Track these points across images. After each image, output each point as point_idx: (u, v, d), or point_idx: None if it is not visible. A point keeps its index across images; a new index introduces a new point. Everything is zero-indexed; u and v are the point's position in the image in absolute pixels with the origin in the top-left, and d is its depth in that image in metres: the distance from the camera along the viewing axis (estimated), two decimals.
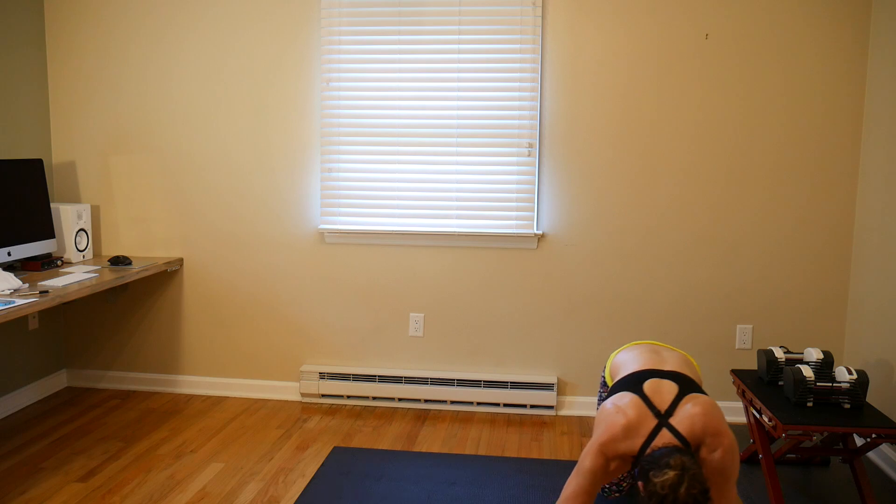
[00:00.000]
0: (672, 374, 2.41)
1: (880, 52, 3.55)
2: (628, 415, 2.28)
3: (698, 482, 2.05)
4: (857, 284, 3.72)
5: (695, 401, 2.31)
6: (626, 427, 2.26)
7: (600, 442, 2.27)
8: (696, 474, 2.07)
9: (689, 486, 2.04)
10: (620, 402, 2.33)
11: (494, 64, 3.84)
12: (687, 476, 2.05)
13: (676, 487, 2.04)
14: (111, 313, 4.28)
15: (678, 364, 2.51)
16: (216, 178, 4.10)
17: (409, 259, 4.02)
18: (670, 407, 2.30)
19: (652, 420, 2.27)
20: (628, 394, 2.35)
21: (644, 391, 2.35)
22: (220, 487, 3.10)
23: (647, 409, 2.30)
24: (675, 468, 2.07)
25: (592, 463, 2.27)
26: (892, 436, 2.71)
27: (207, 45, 4.03)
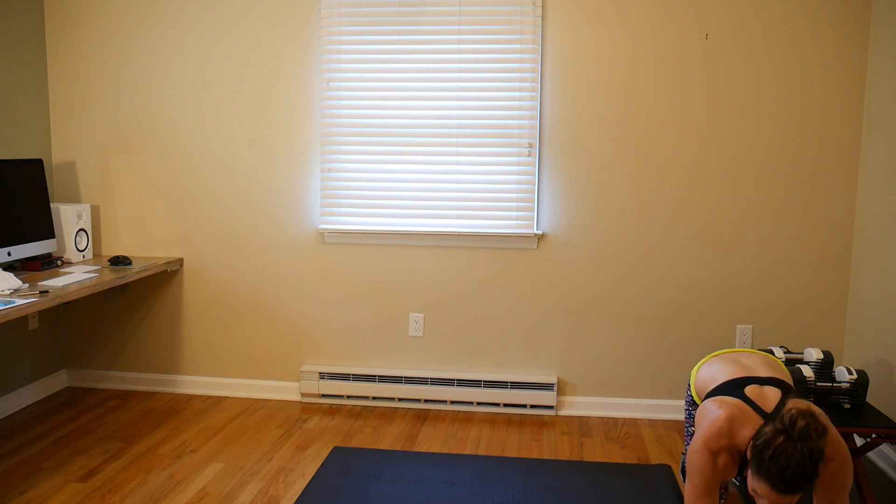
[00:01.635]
0: (772, 380, 2.28)
1: (880, 52, 3.55)
2: (731, 409, 2.15)
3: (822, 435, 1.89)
4: (857, 284, 3.72)
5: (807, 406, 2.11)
6: (730, 419, 2.13)
7: (704, 437, 2.14)
8: (824, 427, 1.90)
9: (811, 426, 1.87)
10: (722, 400, 2.20)
11: (494, 64, 3.84)
12: (814, 418, 1.89)
13: (796, 422, 1.88)
14: (111, 313, 4.28)
15: (770, 369, 2.38)
16: (216, 178, 4.10)
17: (409, 259, 4.02)
18: (775, 410, 2.12)
19: (758, 420, 2.13)
20: (729, 397, 2.22)
21: (746, 395, 2.21)
22: (220, 487, 3.10)
23: (752, 411, 2.16)
24: (805, 406, 1.92)
25: (699, 461, 2.14)
26: (892, 436, 2.71)
27: (207, 44, 4.03)
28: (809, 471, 1.88)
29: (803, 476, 1.88)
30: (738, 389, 2.24)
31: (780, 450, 1.88)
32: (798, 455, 1.87)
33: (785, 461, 1.87)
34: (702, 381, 2.52)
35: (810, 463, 1.87)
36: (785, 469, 1.87)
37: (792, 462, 1.87)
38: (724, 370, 2.42)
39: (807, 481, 1.89)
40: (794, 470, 1.87)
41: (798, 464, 1.87)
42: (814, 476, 1.89)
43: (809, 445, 1.87)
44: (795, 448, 1.87)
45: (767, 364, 2.43)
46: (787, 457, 1.87)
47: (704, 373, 2.54)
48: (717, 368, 2.47)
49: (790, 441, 1.88)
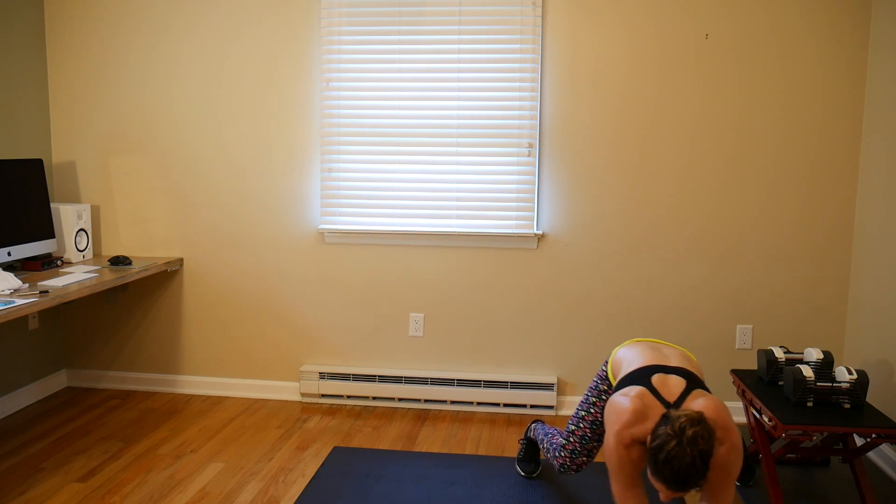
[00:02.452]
0: (678, 370, 2.42)
1: (880, 52, 3.55)
2: (635, 401, 2.28)
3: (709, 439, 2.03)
4: (857, 284, 3.72)
5: (704, 397, 2.31)
6: (635, 411, 2.26)
7: (614, 432, 2.27)
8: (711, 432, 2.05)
9: (698, 434, 2.02)
10: (628, 392, 2.33)
11: (494, 64, 3.84)
12: (701, 425, 2.04)
13: (685, 428, 2.03)
14: (111, 313, 4.28)
15: (681, 361, 2.52)
16: (216, 178, 4.10)
17: (409, 259, 4.02)
18: (678, 400, 2.31)
19: (661, 409, 2.27)
20: (636, 386, 2.35)
21: (652, 384, 2.35)
22: (220, 487, 3.10)
23: (656, 400, 2.30)
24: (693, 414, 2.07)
25: (615, 456, 2.27)
26: (892, 436, 2.71)
27: (207, 44, 4.03)
28: (700, 470, 2.04)
29: (694, 475, 2.04)
30: (645, 377, 2.38)
31: (672, 454, 2.03)
32: (689, 458, 2.02)
33: (677, 464, 2.03)
34: (618, 362, 2.64)
35: (700, 464, 2.03)
36: (677, 472, 2.03)
37: (683, 465, 2.02)
38: (639, 356, 2.54)
39: (698, 479, 2.05)
40: (685, 471, 2.03)
41: (688, 465, 2.02)
42: (704, 474, 2.05)
43: (699, 449, 2.02)
44: (686, 452, 2.02)
45: (682, 358, 2.55)
46: (678, 460, 2.02)
47: (622, 355, 2.65)
48: (634, 353, 2.59)
49: (680, 446, 2.02)
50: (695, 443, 2.02)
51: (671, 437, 2.04)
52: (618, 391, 2.41)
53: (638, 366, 2.48)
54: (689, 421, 2.04)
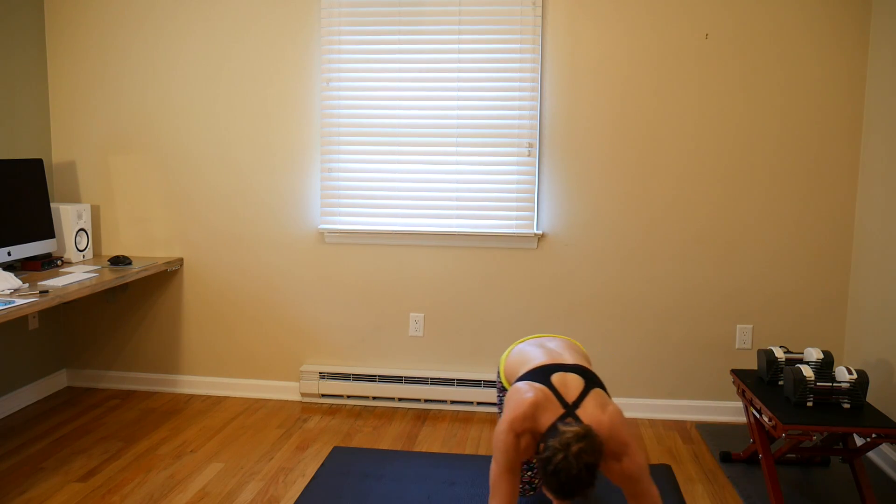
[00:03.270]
0: (576, 368, 2.47)
1: (880, 52, 3.55)
2: (537, 395, 2.33)
3: (594, 452, 2.11)
4: (857, 284, 3.72)
5: (603, 404, 2.35)
6: (534, 404, 2.31)
7: (509, 419, 2.31)
8: (596, 448, 2.12)
9: (583, 449, 2.09)
10: (531, 385, 2.38)
11: (494, 64, 3.84)
12: (588, 441, 2.11)
13: (571, 444, 2.10)
14: (111, 313, 4.28)
15: (576, 357, 2.57)
16: (216, 178, 4.10)
17: (409, 259, 4.02)
18: (577, 399, 2.35)
19: (560, 408, 2.33)
20: (537, 383, 2.39)
21: (552, 383, 2.39)
22: (220, 487, 3.10)
23: (555, 399, 2.35)
24: (579, 430, 2.14)
25: (504, 441, 2.31)
26: (892, 436, 2.71)
27: (207, 44, 4.03)
28: (586, 481, 2.11)
29: (580, 486, 2.11)
30: (545, 376, 2.42)
31: (560, 467, 2.09)
32: (575, 471, 2.09)
33: (564, 476, 2.09)
34: (511, 365, 2.66)
35: (587, 475, 2.10)
36: (564, 483, 2.10)
37: (570, 476, 2.09)
38: (534, 356, 2.57)
39: (584, 488, 2.12)
40: (572, 483, 2.10)
41: (575, 477, 2.09)
42: (591, 483, 2.13)
43: (584, 462, 2.09)
44: (572, 465, 2.09)
45: (570, 349, 2.62)
46: (565, 473, 2.09)
47: (514, 358, 2.67)
48: (527, 354, 2.62)
49: (567, 460, 2.09)
50: (580, 458, 2.08)
51: (558, 451, 2.11)
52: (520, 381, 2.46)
53: (535, 364, 2.50)
54: (575, 436, 2.11)
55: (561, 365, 2.46)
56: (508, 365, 2.69)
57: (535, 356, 2.56)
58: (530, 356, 2.58)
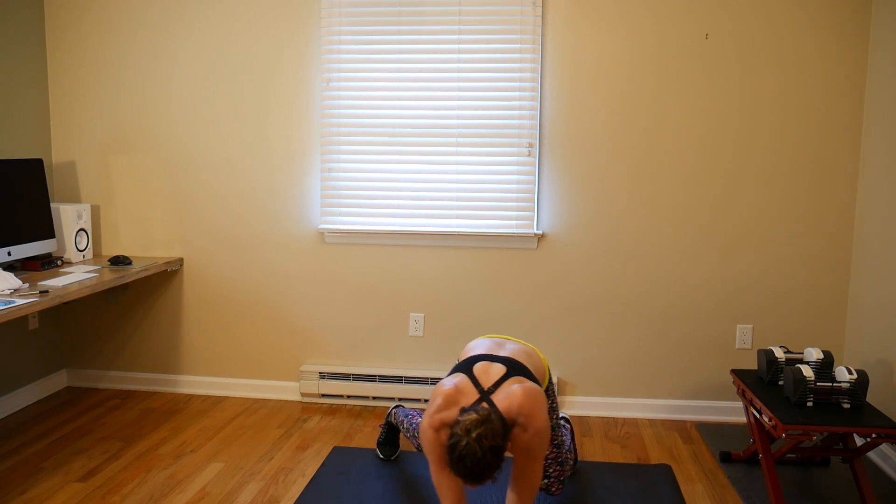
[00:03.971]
0: (504, 359, 2.55)
1: (880, 52, 3.55)
2: (451, 388, 2.43)
3: (494, 436, 2.18)
4: (857, 284, 3.72)
5: (519, 383, 2.44)
6: (447, 397, 2.41)
7: (427, 416, 2.42)
8: (496, 430, 2.19)
9: (482, 434, 2.16)
10: (449, 380, 2.48)
11: (494, 64, 3.84)
12: (486, 425, 2.18)
13: (471, 429, 2.17)
14: (111, 313, 4.28)
15: (515, 353, 2.64)
16: (216, 179, 4.10)
17: (409, 259, 4.02)
18: (494, 385, 2.44)
19: (475, 395, 2.42)
20: (458, 374, 2.51)
21: (473, 371, 2.50)
22: (220, 487, 3.10)
23: (472, 386, 2.44)
24: (479, 415, 2.21)
25: (426, 439, 2.41)
26: (892, 436, 2.71)
27: (207, 44, 4.03)
28: (491, 464, 2.18)
29: (486, 469, 2.18)
30: (469, 366, 2.53)
31: (464, 452, 2.17)
32: (479, 454, 2.16)
33: (469, 461, 2.17)
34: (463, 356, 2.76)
35: (491, 458, 2.17)
36: (470, 467, 2.18)
37: (475, 460, 2.17)
38: (477, 348, 2.69)
39: (491, 472, 2.20)
40: (478, 466, 2.17)
41: (480, 460, 2.17)
42: (497, 466, 2.20)
43: (487, 445, 2.16)
44: (475, 450, 2.16)
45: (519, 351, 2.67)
46: (470, 457, 2.17)
47: (467, 349, 2.79)
48: (475, 346, 2.73)
49: (469, 445, 2.17)
50: (481, 441, 2.16)
51: (461, 437, 2.18)
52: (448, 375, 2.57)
53: (468, 356, 2.62)
54: (474, 422, 2.19)
55: (489, 356, 2.57)
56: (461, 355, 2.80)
57: (476, 349, 2.67)
58: (473, 348, 2.70)
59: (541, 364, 2.75)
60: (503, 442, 2.21)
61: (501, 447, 2.20)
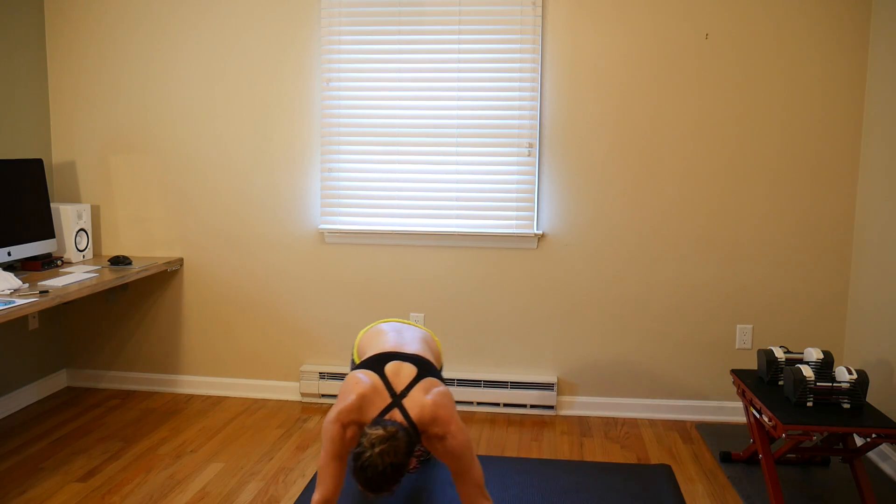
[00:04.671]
0: (413, 358, 2.59)
1: (880, 52, 3.55)
2: (366, 388, 2.46)
3: (397, 454, 2.24)
4: (857, 284, 3.72)
5: (430, 390, 2.48)
6: (361, 397, 2.44)
7: (338, 410, 2.44)
8: (399, 448, 2.25)
9: (384, 451, 2.22)
10: (361, 377, 2.50)
11: (494, 64, 3.84)
12: (390, 442, 2.24)
13: (376, 444, 2.23)
14: (111, 313, 4.28)
15: (420, 347, 2.68)
16: (216, 178, 4.10)
17: (409, 259, 4.02)
18: (406, 389, 2.48)
19: (387, 398, 2.46)
20: (371, 372, 2.53)
21: (385, 372, 2.52)
22: (220, 487, 3.10)
23: (385, 389, 2.48)
24: (386, 431, 2.26)
25: (331, 431, 2.43)
26: (892, 436, 2.71)
27: (207, 44, 4.03)
28: (390, 478, 2.25)
29: (385, 482, 2.25)
30: (380, 365, 2.55)
31: (366, 465, 2.23)
32: (380, 468, 2.23)
33: (370, 473, 2.23)
34: (364, 343, 2.83)
35: (392, 473, 2.24)
36: (370, 479, 2.24)
37: (375, 473, 2.23)
38: (381, 341, 2.72)
39: (390, 485, 2.27)
40: (377, 479, 2.24)
41: (380, 474, 2.23)
42: (395, 481, 2.27)
43: (388, 462, 2.23)
44: (377, 464, 2.23)
45: (421, 343, 2.73)
46: (371, 469, 2.23)
47: (368, 335, 2.84)
48: (377, 336, 2.78)
49: (371, 459, 2.23)
50: (383, 458, 2.22)
51: (366, 449, 2.24)
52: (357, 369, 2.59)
53: (377, 351, 2.64)
54: (379, 439, 2.24)
55: (399, 354, 2.60)
56: (362, 342, 2.85)
57: (383, 341, 2.70)
58: (379, 340, 2.73)
59: (437, 349, 2.85)
60: (405, 459, 2.26)
61: (403, 465, 2.26)
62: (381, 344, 2.70)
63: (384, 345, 2.68)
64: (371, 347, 2.72)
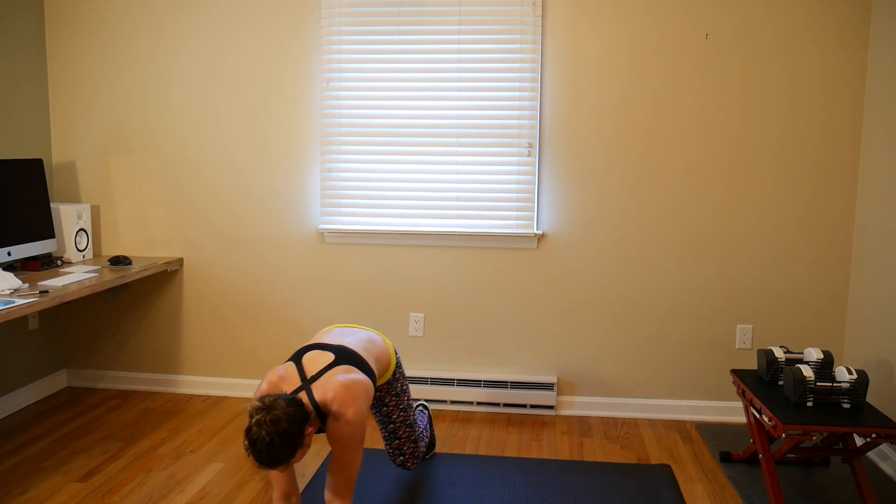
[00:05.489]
0: (334, 347, 2.60)
1: (880, 52, 3.55)
2: (274, 377, 2.48)
3: (277, 422, 2.20)
4: (857, 284, 3.72)
5: (343, 374, 2.47)
6: (271, 385, 2.46)
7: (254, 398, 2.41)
8: (279, 417, 2.22)
9: (261, 421, 2.20)
10: (277, 368, 2.53)
11: (494, 64, 3.84)
12: (266, 413, 2.22)
13: (253, 415, 2.23)
14: (111, 313, 4.28)
15: (351, 342, 2.67)
16: (216, 178, 4.11)
17: (409, 259, 4.02)
18: (317, 374, 2.48)
19: (297, 383, 2.47)
20: (288, 363, 2.55)
21: (301, 360, 2.54)
22: (220, 487, 3.10)
23: (297, 375, 2.49)
24: (263, 403, 2.25)
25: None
26: (892, 436, 2.71)
27: (208, 44, 4.03)
28: (280, 449, 2.22)
29: (273, 452, 2.21)
30: (299, 356, 2.57)
31: (253, 438, 2.22)
32: (267, 440, 2.20)
33: (259, 445, 2.21)
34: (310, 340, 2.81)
35: (280, 443, 2.21)
36: (260, 451, 2.22)
37: (263, 445, 2.20)
38: (316, 337, 2.73)
39: (285, 457, 2.24)
40: (266, 451, 2.21)
41: (268, 445, 2.20)
42: (288, 452, 2.23)
43: (268, 431, 2.20)
44: (261, 435, 2.20)
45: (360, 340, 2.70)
46: (260, 442, 2.20)
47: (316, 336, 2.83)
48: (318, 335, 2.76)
49: (251, 431, 2.22)
50: (261, 427, 2.19)
51: (251, 425, 2.23)
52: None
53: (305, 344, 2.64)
54: (255, 409, 2.24)
55: (320, 344, 2.61)
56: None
57: (314, 338, 2.70)
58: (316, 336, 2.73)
59: (385, 350, 2.82)
60: (292, 428, 2.23)
61: (289, 434, 2.22)
62: (314, 338, 2.72)
63: (315, 339, 2.70)
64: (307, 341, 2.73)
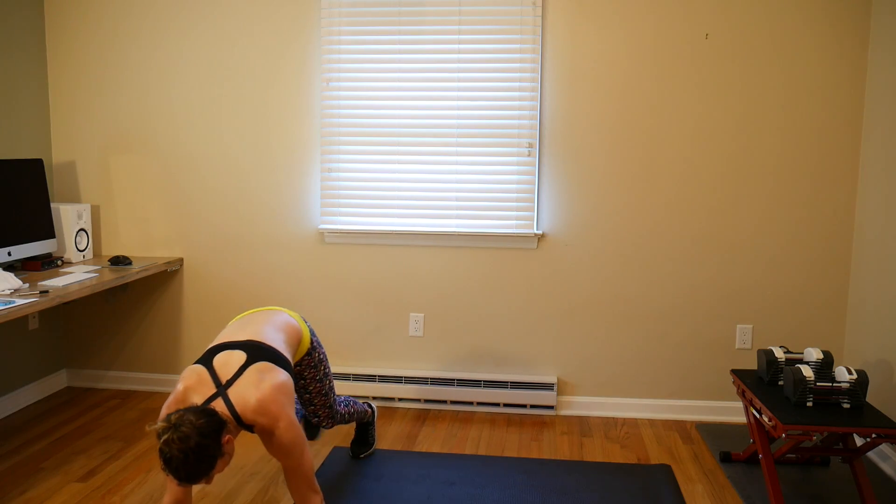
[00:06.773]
0: (244, 343, 2.49)
1: (880, 52, 3.55)
2: (188, 382, 2.39)
3: (185, 439, 2.15)
4: (857, 284, 3.72)
5: (258, 381, 2.37)
6: (186, 389, 2.37)
7: (166, 406, 2.39)
8: (187, 435, 2.15)
9: (169, 440, 2.15)
10: (187, 371, 2.43)
11: (494, 64, 3.84)
12: (175, 432, 2.16)
13: (160, 436, 2.18)
14: (111, 313, 4.28)
15: (257, 331, 2.57)
16: (216, 178, 4.11)
17: (409, 259, 4.02)
18: (233, 378, 2.39)
19: (212, 389, 2.37)
20: (198, 366, 2.44)
21: (213, 364, 2.43)
22: (220, 487, 3.10)
23: (210, 380, 2.39)
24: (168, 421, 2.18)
25: None
26: (892, 436, 2.71)
27: (208, 44, 4.03)
28: (193, 464, 2.16)
29: (196, 470, 2.17)
30: (209, 358, 2.46)
31: (166, 456, 2.16)
32: (181, 457, 2.15)
33: (174, 463, 2.16)
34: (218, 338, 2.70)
35: (195, 458, 2.15)
36: (176, 468, 2.17)
37: (178, 464, 2.16)
38: (223, 333, 2.62)
39: (203, 470, 2.19)
40: (182, 467, 2.16)
41: (183, 463, 2.15)
42: (205, 466, 2.18)
43: (185, 448, 2.14)
44: (174, 451, 2.15)
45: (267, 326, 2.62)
46: (175, 460, 2.15)
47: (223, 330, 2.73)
48: (226, 330, 2.66)
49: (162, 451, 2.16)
50: (170, 446, 2.14)
51: (160, 446, 2.18)
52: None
53: (213, 344, 2.56)
54: (162, 429, 2.18)
55: (228, 343, 2.50)
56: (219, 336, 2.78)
57: (224, 334, 2.60)
58: (224, 333, 2.62)
59: (296, 327, 2.74)
60: (205, 441, 2.17)
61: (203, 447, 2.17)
62: (222, 336, 2.60)
63: (221, 337, 2.58)
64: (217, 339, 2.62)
